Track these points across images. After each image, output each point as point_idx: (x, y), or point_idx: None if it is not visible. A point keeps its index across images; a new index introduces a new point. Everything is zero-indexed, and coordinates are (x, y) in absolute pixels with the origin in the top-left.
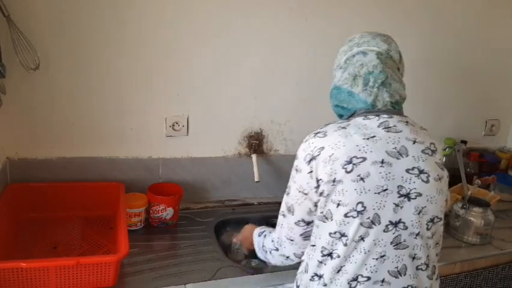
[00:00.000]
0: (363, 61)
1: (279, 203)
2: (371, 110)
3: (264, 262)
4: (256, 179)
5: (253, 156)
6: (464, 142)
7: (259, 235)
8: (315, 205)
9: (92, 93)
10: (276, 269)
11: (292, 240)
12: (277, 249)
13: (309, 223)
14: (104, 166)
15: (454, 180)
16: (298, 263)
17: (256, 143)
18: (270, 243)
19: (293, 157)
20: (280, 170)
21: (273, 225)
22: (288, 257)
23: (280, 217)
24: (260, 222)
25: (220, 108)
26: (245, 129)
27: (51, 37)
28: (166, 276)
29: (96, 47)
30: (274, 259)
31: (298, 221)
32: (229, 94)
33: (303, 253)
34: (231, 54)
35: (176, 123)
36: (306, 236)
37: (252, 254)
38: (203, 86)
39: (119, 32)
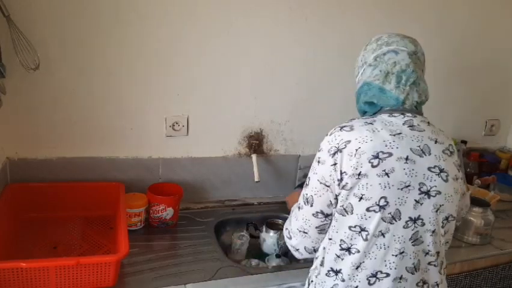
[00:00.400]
0: (395, 59)
1: (279, 203)
2: (395, 108)
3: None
4: (256, 179)
5: (253, 156)
6: (464, 142)
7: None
8: (336, 198)
9: (92, 94)
10: (276, 269)
11: (306, 232)
12: (290, 238)
13: (327, 215)
14: (104, 166)
15: None
16: (311, 261)
17: (256, 143)
18: (285, 230)
19: (293, 157)
20: (280, 170)
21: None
22: (297, 250)
23: (295, 210)
24: (260, 222)
25: (220, 108)
26: (245, 129)
27: (52, 37)
28: (166, 276)
29: (96, 47)
30: (288, 246)
31: (317, 212)
32: (229, 94)
33: (313, 249)
34: (231, 55)
35: (177, 123)
36: (321, 230)
37: (252, 254)
38: (203, 86)
39: (119, 32)
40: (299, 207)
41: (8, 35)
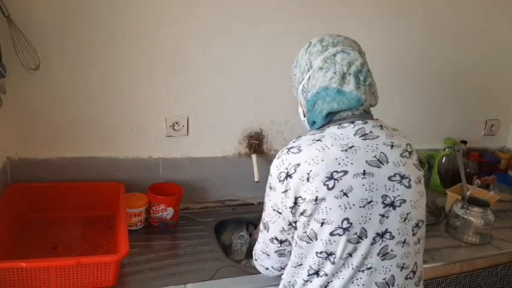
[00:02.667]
0: (348, 59)
1: None
2: (345, 117)
3: None
4: (256, 179)
5: (253, 156)
6: (464, 142)
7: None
8: (289, 224)
9: (92, 93)
10: None
11: (268, 255)
12: (256, 260)
13: (282, 242)
14: (105, 166)
15: (454, 180)
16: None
17: (256, 143)
18: (253, 252)
19: None
20: None
21: None
22: (267, 268)
23: (259, 232)
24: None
25: (220, 108)
26: (245, 129)
27: (52, 37)
28: (166, 276)
29: (96, 47)
30: (256, 267)
31: (272, 238)
32: (229, 94)
33: (281, 267)
34: (231, 54)
35: (177, 123)
36: (281, 254)
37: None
38: (203, 86)
39: (119, 32)
40: (261, 231)
41: (8, 35)
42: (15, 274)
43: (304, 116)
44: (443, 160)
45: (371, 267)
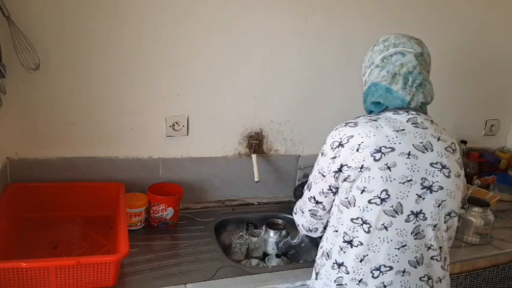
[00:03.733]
0: (402, 61)
1: (279, 203)
2: (401, 107)
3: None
4: (256, 179)
5: (253, 156)
6: (464, 142)
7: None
8: (329, 188)
9: (92, 93)
10: (276, 269)
11: (303, 212)
12: (295, 214)
13: (317, 202)
14: (105, 166)
15: None
16: (312, 261)
17: (256, 143)
18: (294, 206)
19: (293, 157)
20: (280, 170)
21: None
22: (298, 225)
23: (304, 190)
24: (260, 222)
25: (220, 108)
26: (245, 129)
27: (52, 37)
28: (166, 276)
29: (96, 47)
30: (294, 219)
31: (311, 197)
32: (229, 94)
33: (309, 228)
34: (231, 54)
35: (177, 123)
36: (312, 214)
37: (252, 253)
38: (203, 86)
39: (119, 32)
40: (304, 190)
41: (9, 35)
42: (15, 274)
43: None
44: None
45: (405, 245)
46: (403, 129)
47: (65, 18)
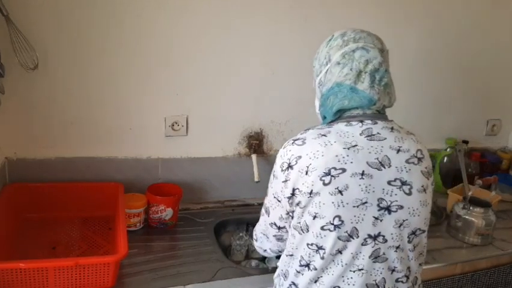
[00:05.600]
0: (367, 57)
1: None
2: (355, 115)
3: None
4: (256, 179)
5: (253, 156)
6: (465, 142)
7: None
8: (287, 213)
9: (91, 93)
10: (275, 269)
11: (268, 237)
12: (256, 240)
13: (279, 228)
14: (103, 166)
15: (455, 180)
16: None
17: (256, 143)
18: (253, 232)
19: None
20: None
21: None
22: (265, 250)
23: (261, 213)
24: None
25: (220, 108)
26: (245, 129)
27: (50, 36)
28: (165, 277)
29: (95, 47)
30: (256, 247)
31: (272, 223)
32: (229, 94)
33: (278, 250)
34: (231, 54)
35: (176, 123)
36: (278, 238)
37: (252, 254)
38: (203, 85)
39: (118, 31)
40: (262, 214)
41: (7, 35)
42: (13, 275)
43: (319, 109)
44: (445, 160)
45: (362, 269)
46: (355, 145)
47: (64, 18)
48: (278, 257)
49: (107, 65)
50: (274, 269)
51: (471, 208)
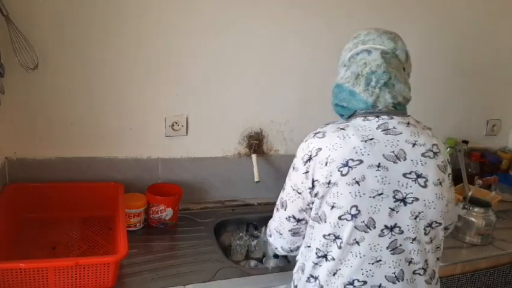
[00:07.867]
0: (366, 60)
1: None
2: (371, 110)
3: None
4: (256, 179)
5: (253, 156)
6: (465, 142)
7: None
8: (308, 205)
9: (91, 93)
10: (276, 270)
11: (281, 234)
12: (270, 236)
13: (299, 220)
14: (103, 166)
15: (455, 180)
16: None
17: (256, 143)
18: (267, 227)
19: (293, 157)
20: (280, 170)
21: None
22: (276, 248)
23: (274, 210)
24: (260, 222)
25: (220, 108)
26: (245, 129)
27: (50, 37)
28: (165, 277)
29: (95, 47)
30: (270, 242)
31: (289, 216)
32: (229, 94)
33: (291, 249)
34: (231, 54)
35: (176, 123)
36: (294, 233)
37: (252, 254)
38: (203, 85)
39: (118, 31)
40: (277, 209)
41: (7, 35)
42: (13, 275)
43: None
44: (448, 159)
45: (380, 260)
46: (372, 138)
47: (64, 18)
48: (276, 257)
49: (107, 65)
50: (274, 269)
51: (471, 208)
